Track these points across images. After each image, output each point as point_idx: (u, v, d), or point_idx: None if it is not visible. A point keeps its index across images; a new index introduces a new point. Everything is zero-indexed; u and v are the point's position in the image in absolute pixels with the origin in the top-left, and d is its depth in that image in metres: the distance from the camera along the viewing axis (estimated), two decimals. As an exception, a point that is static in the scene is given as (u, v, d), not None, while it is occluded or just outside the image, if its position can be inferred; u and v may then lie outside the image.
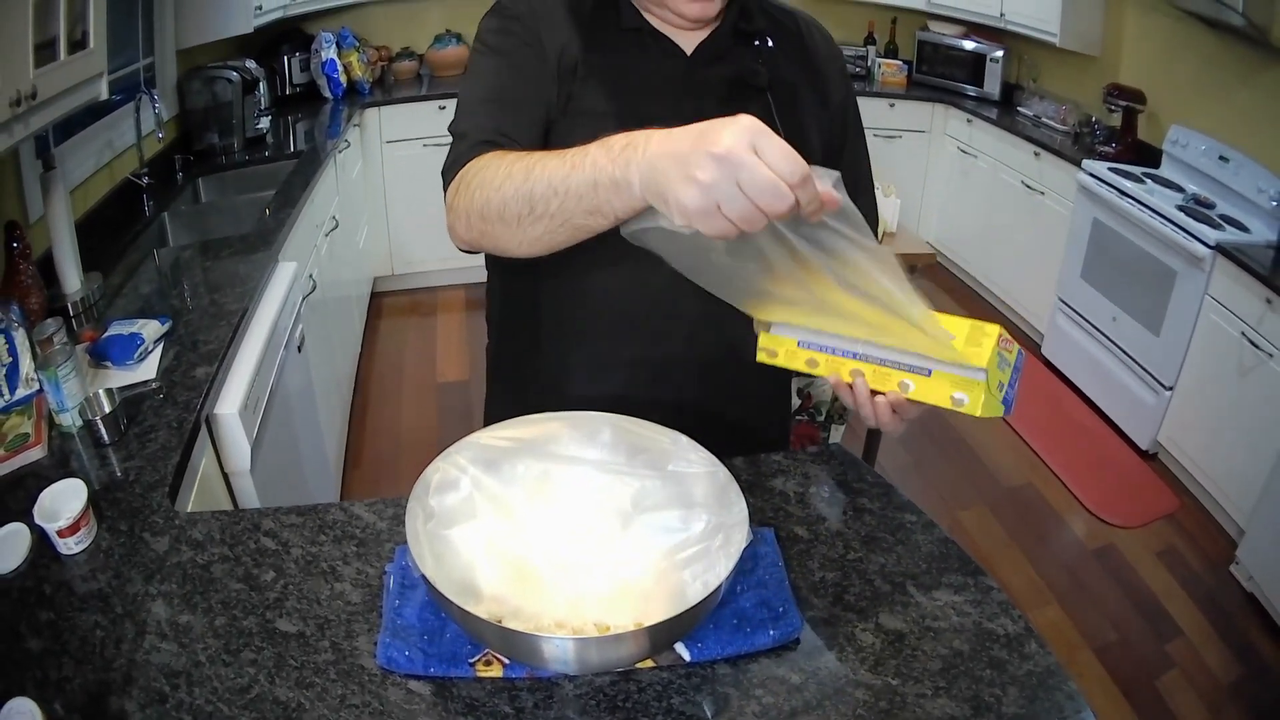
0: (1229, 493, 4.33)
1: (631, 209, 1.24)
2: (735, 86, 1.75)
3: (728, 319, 1.57)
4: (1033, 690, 1.35)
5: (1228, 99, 5.06)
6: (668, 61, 1.75)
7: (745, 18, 1.81)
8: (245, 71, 4.99)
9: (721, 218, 1.10)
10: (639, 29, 1.75)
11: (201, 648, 1.41)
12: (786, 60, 1.83)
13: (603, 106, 1.70)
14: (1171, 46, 5.47)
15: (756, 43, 1.82)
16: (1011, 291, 6.46)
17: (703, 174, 1.09)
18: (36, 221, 3.15)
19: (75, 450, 2.11)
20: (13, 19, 2.36)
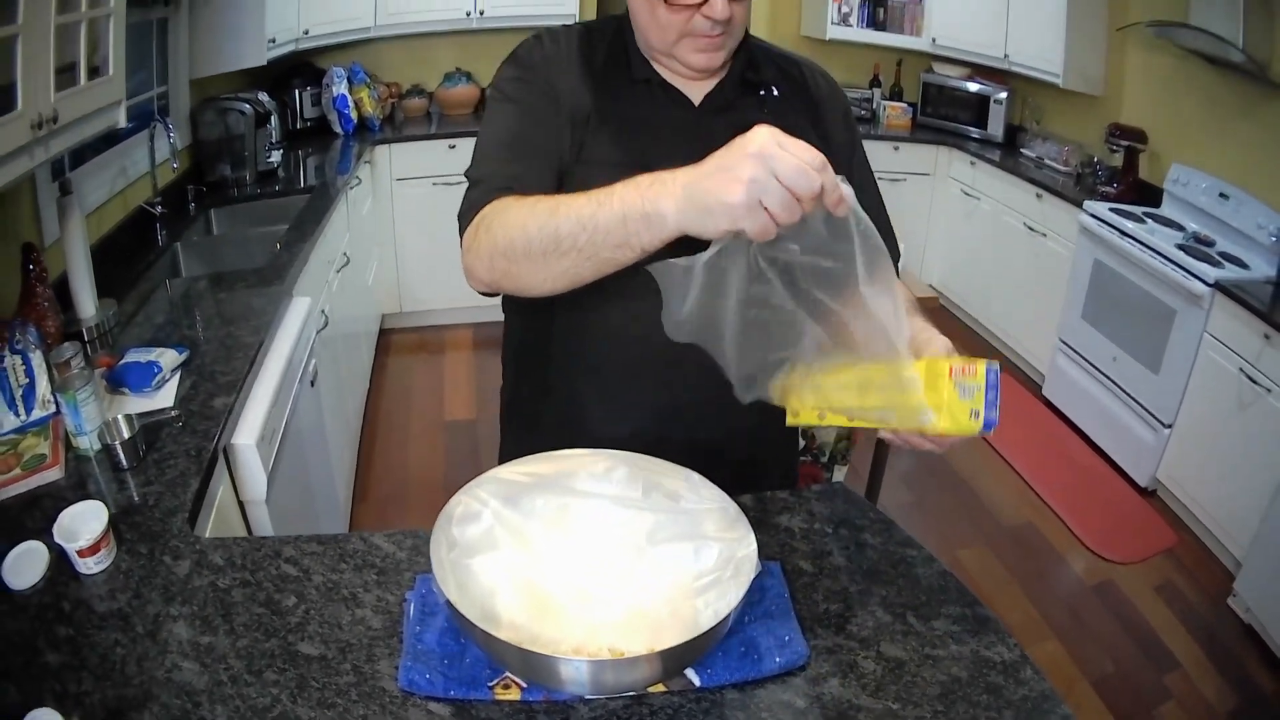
0: (1227, 527, 4.36)
1: (659, 240, 1.34)
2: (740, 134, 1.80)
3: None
4: (1028, 714, 1.40)
5: (1229, 136, 5.11)
6: (676, 111, 1.82)
7: (751, 68, 1.88)
8: (258, 104, 5.03)
9: (763, 211, 1.23)
10: (648, 80, 1.82)
11: (224, 668, 1.44)
12: (791, 109, 1.88)
13: (614, 155, 1.74)
14: (1173, 85, 5.53)
15: (762, 92, 1.88)
16: (1013, 333, 6.49)
17: (744, 171, 1.23)
18: (52, 245, 3.19)
19: (92, 473, 2.14)
20: (36, 41, 2.40)
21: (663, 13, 1.68)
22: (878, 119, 7.39)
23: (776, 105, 1.87)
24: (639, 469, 1.64)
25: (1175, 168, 5.32)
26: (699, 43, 1.71)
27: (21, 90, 2.35)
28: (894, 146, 7.01)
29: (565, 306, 1.74)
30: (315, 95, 6.16)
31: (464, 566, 1.44)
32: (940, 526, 4.66)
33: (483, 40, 6.69)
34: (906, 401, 1.38)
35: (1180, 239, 4.87)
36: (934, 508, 4.84)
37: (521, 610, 1.41)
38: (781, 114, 1.79)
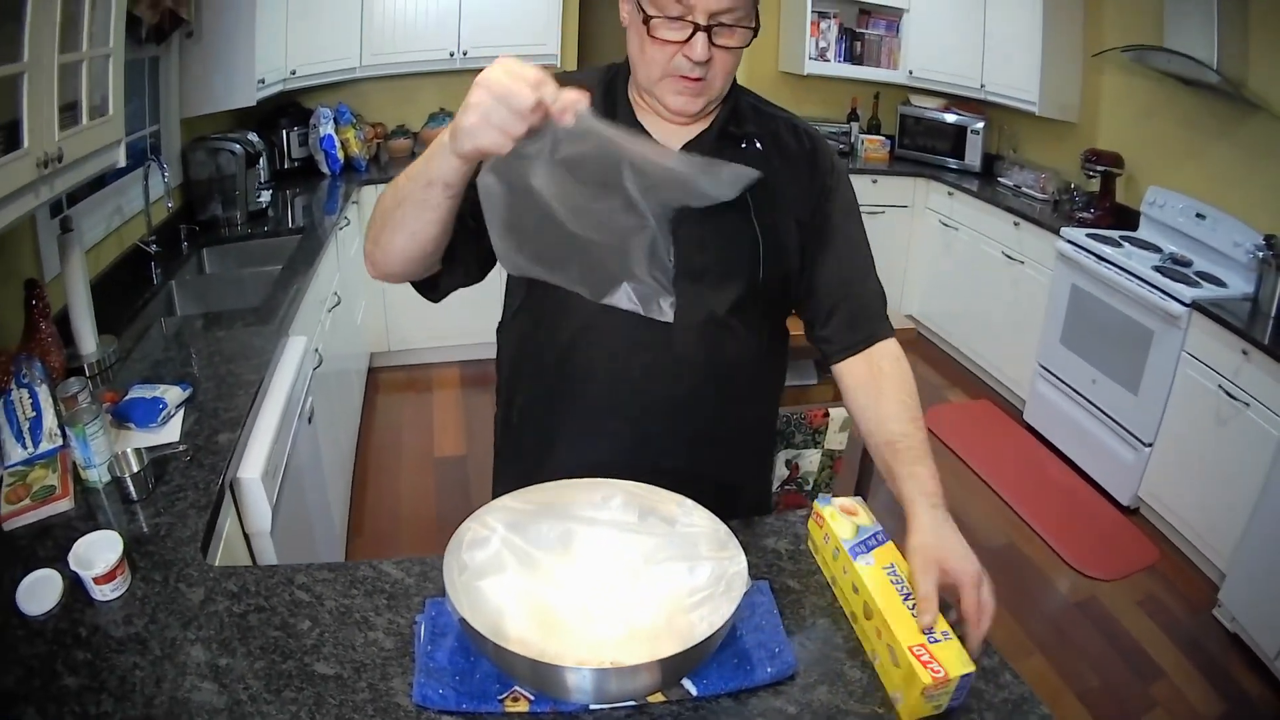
0: (1209, 540, 4.43)
1: (451, 167, 1.49)
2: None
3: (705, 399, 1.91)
4: (1008, 715, 1.49)
5: (1205, 156, 5.20)
6: None
7: (735, 121, 1.94)
8: (248, 144, 5.07)
9: (491, 128, 1.38)
10: (630, 127, 1.83)
11: (242, 688, 1.50)
12: (772, 163, 1.92)
13: None
14: (1149, 108, 5.62)
15: (743, 145, 1.94)
16: (993, 360, 6.55)
17: (472, 98, 1.38)
18: (52, 281, 3.23)
19: (102, 505, 2.19)
20: (40, 80, 2.46)
21: (650, 48, 1.76)
22: (856, 153, 7.48)
23: (756, 158, 1.90)
24: (635, 496, 1.75)
25: (1152, 190, 5.41)
26: (678, 84, 1.78)
27: (28, 129, 2.41)
28: (872, 179, 7.08)
29: (542, 342, 1.93)
30: (302, 135, 6.21)
31: (474, 588, 1.53)
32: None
33: (466, 80, 6.54)
34: (899, 670, 1.49)
35: (1157, 260, 4.96)
36: (916, 534, 4.84)
37: (529, 628, 1.49)
38: (760, 163, 1.80)
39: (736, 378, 1.97)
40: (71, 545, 1.82)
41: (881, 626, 1.53)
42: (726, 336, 1.93)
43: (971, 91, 6.74)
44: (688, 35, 1.72)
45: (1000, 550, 4.74)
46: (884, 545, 1.70)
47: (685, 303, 1.77)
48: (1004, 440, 5.89)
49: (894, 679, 1.49)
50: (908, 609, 1.53)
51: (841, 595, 1.74)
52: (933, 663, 1.42)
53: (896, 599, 1.56)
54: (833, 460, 3.09)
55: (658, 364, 1.89)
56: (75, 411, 2.23)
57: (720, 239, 1.89)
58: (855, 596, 1.65)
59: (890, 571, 1.63)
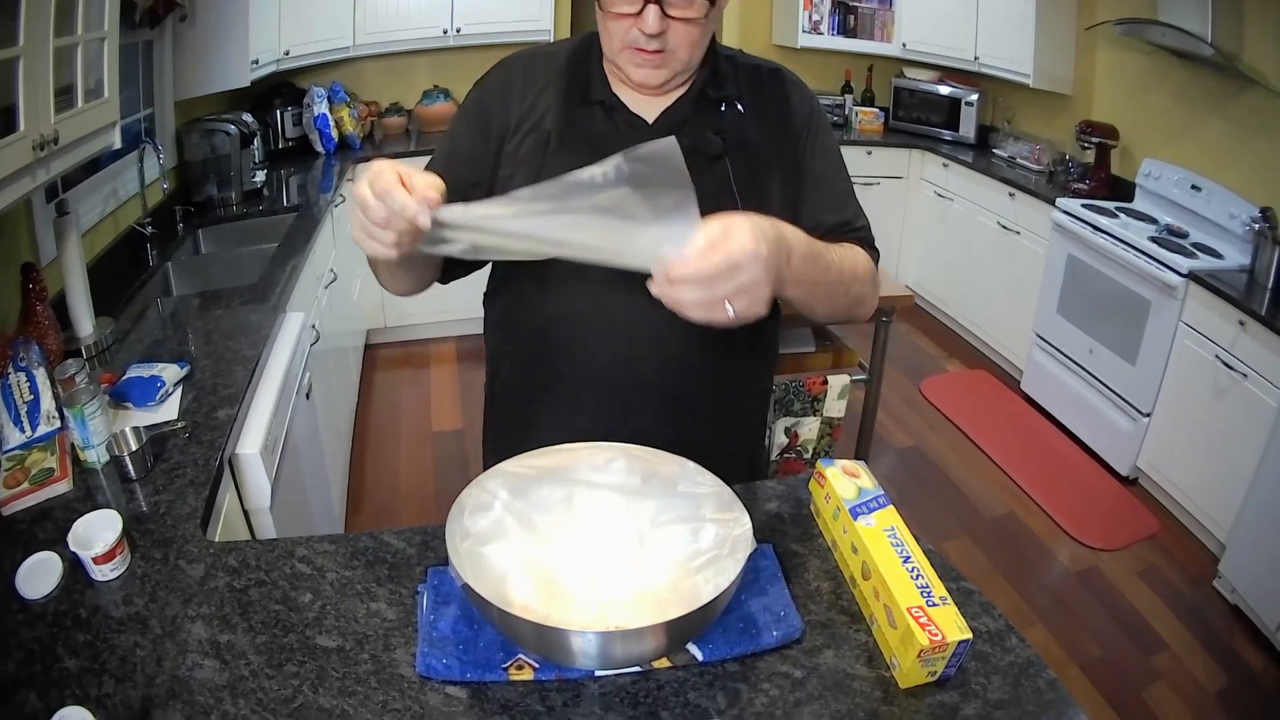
0: (1209, 511, 4.44)
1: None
2: (690, 156, 1.57)
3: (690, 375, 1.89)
4: (1015, 678, 1.48)
5: (1199, 129, 5.19)
6: (630, 132, 1.84)
7: (714, 83, 1.90)
8: (242, 124, 5.06)
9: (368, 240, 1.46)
10: (603, 101, 1.87)
11: (244, 663, 1.49)
12: (754, 122, 1.90)
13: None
14: (1142, 81, 5.60)
15: (724, 108, 1.89)
16: (990, 330, 6.56)
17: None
18: (48, 265, 3.22)
19: (100, 485, 2.18)
20: (36, 64, 2.45)
21: (607, 21, 1.75)
22: (850, 125, 7.47)
23: (738, 120, 1.89)
24: (637, 459, 1.73)
25: (1147, 162, 5.40)
26: (636, 56, 1.76)
27: (24, 112, 2.41)
28: (867, 151, 7.08)
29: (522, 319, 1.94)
30: (296, 115, 6.20)
31: (478, 554, 1.51)
32: (923, 520, 4.71)
33: (459, 57, 6.72)
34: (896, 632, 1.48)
35: (1153, 232, 4.95)
36: (917, 502, 4.90)
37: (533, 594, 1.48)
38: (742, 129, 1.89)
39: (722, 350, 1.92)
40: (71, 527, 1.81)
41: (880, 586, 1.52)
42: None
43: (965, 64, 6.71)
44: (639, 8, 1.70)
45: (1001, 520, 4.75)
46: (885, 509, 1.68)
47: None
48: (1002, 410, 5.89)
49: (891, 642, 1.48)
50: (907, 572, 1.52)
51: (841, 558, 1.73)
52: (930, 625, 1.40)
53: (896, 561, 1.54)
54: (831, 428, 3.09)
55: (639, 343, 1.86)
56: (73, 392, 2.22)
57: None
58: (854, 557, 1.64)
59: (890, 534, 1.61)
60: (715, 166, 1.84)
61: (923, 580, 1.50)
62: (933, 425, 5.73)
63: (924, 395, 6.05)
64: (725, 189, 1.84)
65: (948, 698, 1.44)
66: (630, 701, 1.41)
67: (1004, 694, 1.45)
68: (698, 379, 1.93)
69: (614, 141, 1.72)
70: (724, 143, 1.86)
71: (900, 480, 5.10)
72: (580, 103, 1.88)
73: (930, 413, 5.87)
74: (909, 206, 7.27)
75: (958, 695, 1.44)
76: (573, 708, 1.39)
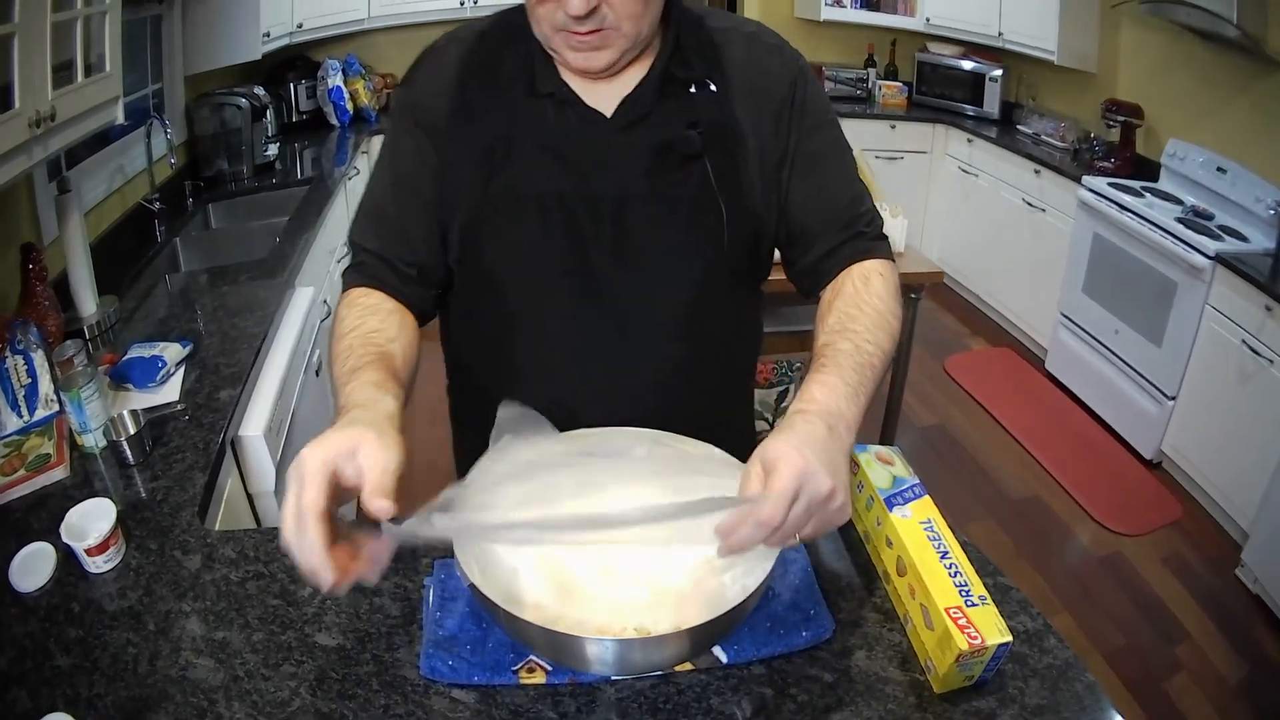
0: (1233, 498, 4.37)
1: None
2: (662, 156, 1.57)
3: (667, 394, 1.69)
4: (1053, 682, 1.40)
5: (1224, 111, 5.11)
6: (587, 129, 1.59)
7: (679, 60, 1.60)
8: (254, 98, 5.01)
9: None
10: (552, 94, 1.58)
11: (239, 662, 1.42)
12: (731, 105, 1.62)
13: (525, 186, 1.58)
14: (1167, 61, 5.52)
15: (693, 89, 1.61)
16: (1014, 308, 6.49)
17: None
18: (51, 244, 3.18)
19: (98, 471, 2.12)
20: (32, 40, 2.39)
21: (532, 3, 1.49)
22: (873, 98, 7.41)
23: (713, 103, 1.61)
24: (660, 445, 1.58)
25: (1172, 142, 5.31)
26: (570, 40, 1.46)
27: (19, 89, 2.34)
28: (890, 125, 7.03)
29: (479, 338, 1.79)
30: (310, 88, 6.15)
31: (486, 549, 1.37)
32: (947, 501, 4.55)
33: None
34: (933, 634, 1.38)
35: (1179, 213, 4.86)
36: (940, 483, 4.81)
37: (545, 591, 1.34)
38: (719, 114, 1.61)
39: (704, 361, 1.74)
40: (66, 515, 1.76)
41: (915, 584, 1.43)
42: (688, 327, 1.69)
43: (989, 40, 6.64)
44: None
45: (1025, 501, 4.70)
46: (921, 499, 1.57)
47: (637, 304, 1.63)
48: (1026, 389, 5.83)
49: (927, 644, 1.39)
50: (945, 569, 1.42)
51: (874, 551, 1.63)
52: (970, 627, 1.31)
53: (933, 556, 1.45)
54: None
55: (610, 372, 1.69)
56: (70, 375, 2.16)
57: (674, 219, 1.61)
58: (889, 551, 1.55)
59: (927, 527, 1.51)
60: (693, 168, 1.59)
61: (961, 578, 1.40)
62: (957, 403, 5.67)
63: (948, 373, 5.99)
64: (705, 193, 1.60)
65: (984, 703, 1.35)
66: (649, 707, 1.33)
67: (1042, 699, 1.37)
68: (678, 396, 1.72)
69: (572, 144, 1.58)
70: (702, 138, 1.59)
71: (924, 459, 5.02)
72: (526, 95, 1.59)
73: (955, 391, 5.81)
74: (933, 182, 7.20)
75: (994, 701, 1.36)
76: (587, 714, 1.32)
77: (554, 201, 1.57)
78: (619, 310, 1.62)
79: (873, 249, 1.71)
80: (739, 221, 1.62)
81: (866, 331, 1.52)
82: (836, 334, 1.53)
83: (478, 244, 1.63)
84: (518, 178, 1.58)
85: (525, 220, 1.59)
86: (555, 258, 1.61)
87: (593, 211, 1.58)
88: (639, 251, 1.61)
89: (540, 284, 1.64)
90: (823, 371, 1.42)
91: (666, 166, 1.56)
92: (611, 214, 1.57)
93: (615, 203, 1.55)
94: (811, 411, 1.32)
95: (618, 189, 1.56)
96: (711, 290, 1.68)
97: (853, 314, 1.57)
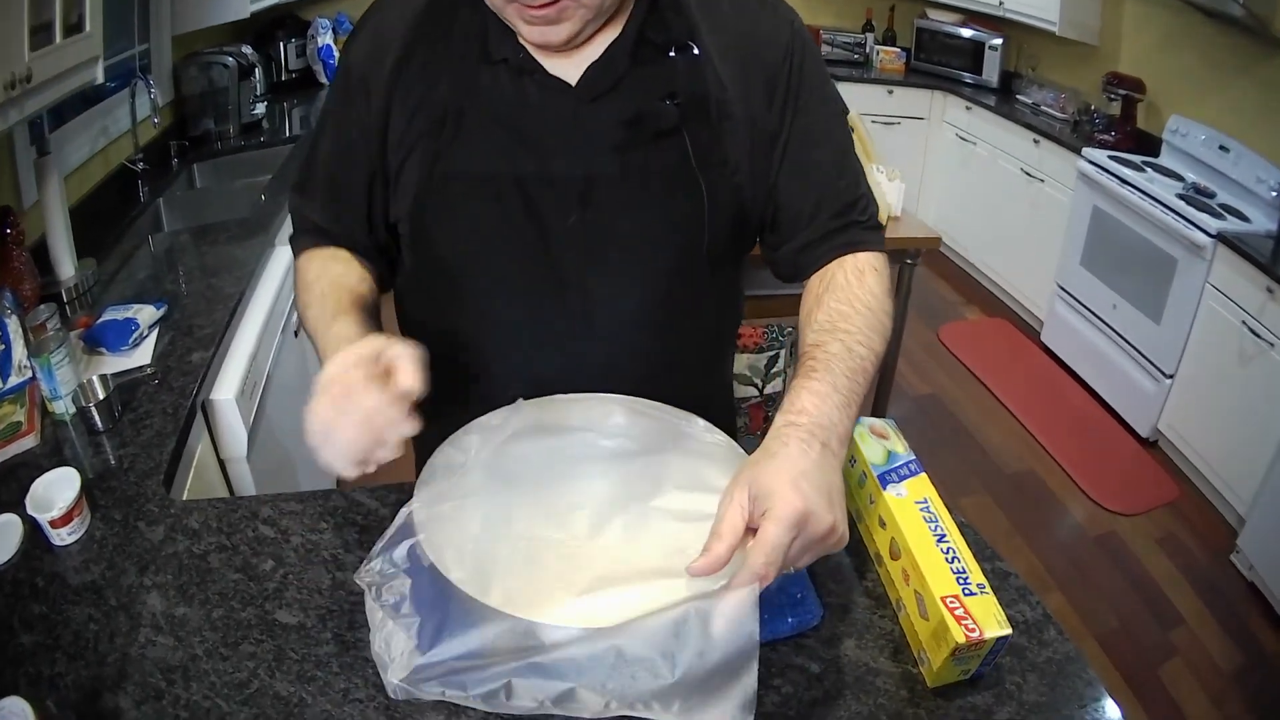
0: (1229, 481, 4.32)
1: None
2: (635, 130, 1.43)
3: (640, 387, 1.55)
4: (1053, 678, 1.33)
5: (1227, 90, 5.06)
6: (547, 99, 1.44)
7: (654, 22, 1.44)
8: (241, 57, 4.93)
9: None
10: (506, 60, 1.43)
11: (198, 640, 1.37)
12: (716, 67, 1.46)
13: (478, 166, 1.45)
14: (1171, 36, 5.47)
15: (672, 53, 1.45)
16: (1010, 278, 6.47)
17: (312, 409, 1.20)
18: (31, 208, 3.12)
19: (69, 438, 2.07)
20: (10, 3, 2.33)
21: None
22: (870, 63, 7.39)
23: (693, 69, 1.45)
24: (637, 413, 1.51)
25: (1174, 119, 5.26)
26: (525, 12, 1.31)
27: (-7, 49, 2.28)
28: (888, 90, 7.01)
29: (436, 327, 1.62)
30: (300, 47, 6.06)
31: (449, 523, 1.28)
32: (942, 474, 4.55)
33: None
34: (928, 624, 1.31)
35: (1180, 189, 4.80)
36: (935, 454, 4.78)
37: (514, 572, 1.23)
38: (700, 82, 1.45)
39: (680, 353, 1.64)
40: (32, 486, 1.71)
41: (910, 569, 1.35)
42: (663, 319, 1.58)
43: (989, 8, 6.61)
44: None
45: (1020, 476, 4.67)
46: (917, 477, 1.48)
47: (606, 296, 1.53)
48: (1021, 361, 5.81)
49: (921, 634, 1.32)
50: (942, 553, 1.34)
51: (866, 531, 1.55)
52: (967, 619, 1.24)
53: (929, 539, 1.36)
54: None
55: (576, 369, 1.57)
56: (41, 340, 2.12)
57: (648, 201, 1.48)
58: (882, 532, 1.47)
59: (924, 507, 1.42)
60: (670, 143, 1.44)
61: (959, 564, 1.32)
62: (951, 373, 5.64)
63: (942, 341, 5.96)
64: (684, 171, 1.46)
65: (980, 699, 1.29)
66: (618, 696, 1.26)
67: (1040, 695, 1.30)
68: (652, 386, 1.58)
69: (532, 119, 1.44)
70: (680, 109, 1.44)
71: (918, 430, 4.98)
72: (479, 62, 1.44)
73: (949, 360, 5.78)
74: (930, 148, 7.17)
75: (991, 697, 1.30)
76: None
77: (511, 184, 1.44)
78: (586, 303, 1.52)
79: (866, 240, 1.58)
80: (721, 203, 1.49)
81: (859, 333, 1.42)
82: (827, 334, 1.42)
83: (426, 231, 1.52)
84: (470, 158, 1.45)
85: (478, 205, 1.47)
86: (513, 247, 1.49)
87: (556, 195, 1.45)
88: (609, 239, 1.49)
89: (497, 276, 1.53)
90: (813, 378, 1.33)
91: (639, 142, 1.43)
92: (577, 197, 1.45)
93: (581, 184, 1.43)
94: (804, 426, 1.23)
95: (584, 169, 1.43)
96: (689, 278, 1.56)
97: (845, 312, 1.46)
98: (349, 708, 1.25)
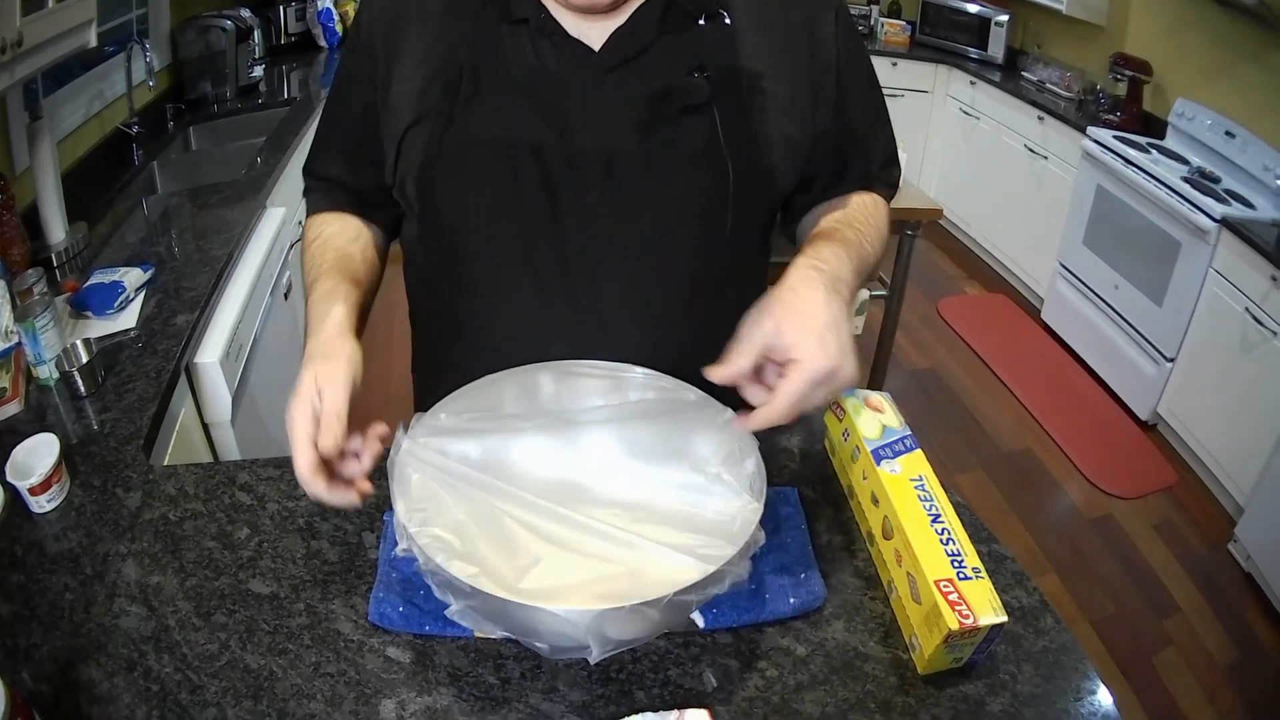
0: (1228, 469, 4.30)
1: None
2: (660, 105, 1.35)
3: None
4: (1049, 668, 1.29)
5: (1236, 76, 5.01)
6: (570, 66, 1.35)
7: None
8: (239, 20, 4.90)
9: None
10: (527, 21, 1.35)
11: (171, 610, 1.34)
12: (752, 37, 1.39)
13: (492, 131, 1.37)
14: (1180, 20, 5.42)
15: (702, 20, 1.36)
16: (1011, 254, 6.44)
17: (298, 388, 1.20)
18: (23, 173, 3.08)
19: (53, 403, 2.04)
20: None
21: None
22: (875, 35, 7.37)
23: (725, 40, 1.37)
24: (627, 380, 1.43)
25: (1180, 102, 5.22)
26: None
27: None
28: (892, 63, 7.00)
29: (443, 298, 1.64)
30: (300, 10, 6.02)
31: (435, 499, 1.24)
32: (938, 449, 4.60)
33: None
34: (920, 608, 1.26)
35: (1185, 172, 4.76)
36: (932, 429, 4.78)
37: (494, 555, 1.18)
38: (732, 53, 1.37)
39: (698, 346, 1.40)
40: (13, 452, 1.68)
41: (903, 549, 1.31)
42: (681, 313, 1.50)
43: (997, -16, 6.55)
44: None
45: (1017, 455, 4.65)
46: (913, 452, 1.43)
47: (621, 287, 1.45)
48: (1021, 338, 5.79)
49: (913, 619, 1.27)
50: (936, 534, 1.29)
51: (858, 508, 1.51)
52: (961, 604, 1.19)
53: (924, 519, 1.31)
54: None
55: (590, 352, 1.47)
56: (26, 305, 2.09)
57: (670, 185, 1.40)
58: (875, 510, 1.42)
59: (919, 485, 1.37)
60: (697, 122, 1.36)
61: (954, 546, 1.27)
62: (950, 348, 5.62)
63: (941, 315, 5.94)
64: (712, 148, 1.37)
65: (972, 689, 1.25)
66: (600, 678, 1.23)
67: (1035, 687, 1.26)
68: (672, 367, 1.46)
69: (551, 85, 1.36)
70: (710, 84, 1.36)
71: (915, 404, 4.98)
72: (498, 23, 1.36)
73: (947, 334, 5.76)
74: (933, 122, 7.15)
75: (983, 686, 1.25)
76: (530, 681, 1.22)
77: (528, 154, 1.35)
78: (599, 295, 1.43)
79: (879, 179, 1.61)
80: (750, 186, 1.42)
81: (869, 241, 1.45)
82: (842, 225, 1.44)
83: (433, 197, 1.44)
84: (483, 121, 1.36)
85: (492, 172, 1.38)
86: (523, 227, 1.41)
87: (575, 170, 1.36)
88: (626, 225, 1.40)
89: (504, 250, 1.44)
90: (832, 241, 1.35)
91: (666, 118, 1.34)
92: (596, 177, 1.36)
93: (603, 160, 1.34)
94: (826, 273, 1.24)
95: (606, 144, 1.34)
96: (712, 269, 1.49)
97: (859, 217, 1.49)
98: (319, 682, 1.22)
